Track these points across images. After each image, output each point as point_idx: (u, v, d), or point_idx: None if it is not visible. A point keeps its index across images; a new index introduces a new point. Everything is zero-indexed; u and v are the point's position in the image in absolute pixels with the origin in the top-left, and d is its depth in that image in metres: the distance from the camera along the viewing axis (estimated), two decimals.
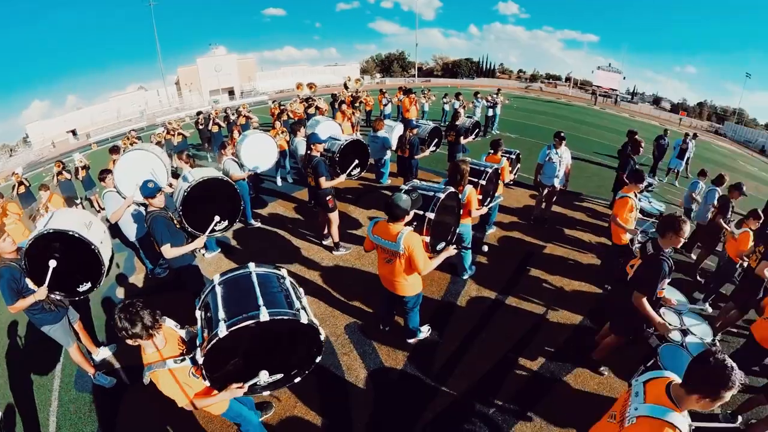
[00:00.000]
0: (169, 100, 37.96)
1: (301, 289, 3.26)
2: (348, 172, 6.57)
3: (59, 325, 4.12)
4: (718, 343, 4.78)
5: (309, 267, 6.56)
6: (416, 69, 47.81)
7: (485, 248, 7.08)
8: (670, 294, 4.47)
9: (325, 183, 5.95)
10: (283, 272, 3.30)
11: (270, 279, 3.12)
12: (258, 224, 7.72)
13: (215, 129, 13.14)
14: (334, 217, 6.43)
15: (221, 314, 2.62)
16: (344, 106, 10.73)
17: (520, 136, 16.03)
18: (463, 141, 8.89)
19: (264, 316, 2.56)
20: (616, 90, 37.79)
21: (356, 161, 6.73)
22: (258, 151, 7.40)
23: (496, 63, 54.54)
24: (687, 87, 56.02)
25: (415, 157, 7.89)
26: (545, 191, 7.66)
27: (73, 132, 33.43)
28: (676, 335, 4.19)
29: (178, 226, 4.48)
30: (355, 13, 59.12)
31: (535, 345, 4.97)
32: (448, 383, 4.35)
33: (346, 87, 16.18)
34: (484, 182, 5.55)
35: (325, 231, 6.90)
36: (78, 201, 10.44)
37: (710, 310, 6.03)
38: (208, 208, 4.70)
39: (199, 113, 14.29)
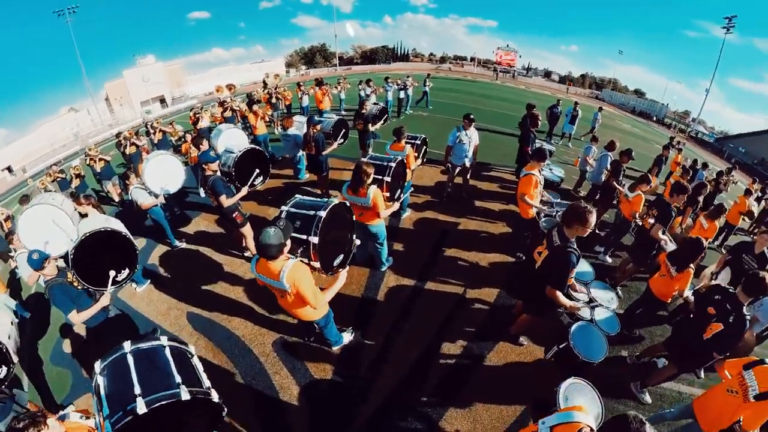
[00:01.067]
0: (101, 117, 33.08)
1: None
2: (249, 183, 5.63)
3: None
4: (620, 292, 5.29)
5: (233, 283, 5.69)
6: (337, 59, 47.36)
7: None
8: (579, 265, 4.29)
9: (226, 201, 5.10)
10: (192, 349, 2.84)
11: (183, 354, 2.72)
12: (183, 245, 6.61)
13: (132, 150, 10.94)
14: (247, 230, 5.67)
15: (137, 389, 2.17)
16: (255, 107, 9.51)
17: (431, 115, 15.65)
18: (372, 128, 8.15)
19: (185, 395, 2.23)
20: (513, 67, 40.27)
21: (257, 171, 5.81)
22: (164, 173, 6.26)
23: (409, 48, 56.56)
24: (571, 62, 62.89)
25: (323, 153, 6.91)
26: (456, 171, 7.32)
27: (9, 169, 27.42)
28: (585, 312, 4.13)
29: (79, 287, 3.78)
30: (277, 10, 57.89)
31: (456, 327, 4.78)
32: (377, 382, 4.07)
33: (264, 84, 14.84)
34: (389, 179, 4.95)
35: (243, 244, 6.04)
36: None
37: (609, 260, 6.39)
38: (103, 261, 3.92)
39: (119, 134, 12.09)
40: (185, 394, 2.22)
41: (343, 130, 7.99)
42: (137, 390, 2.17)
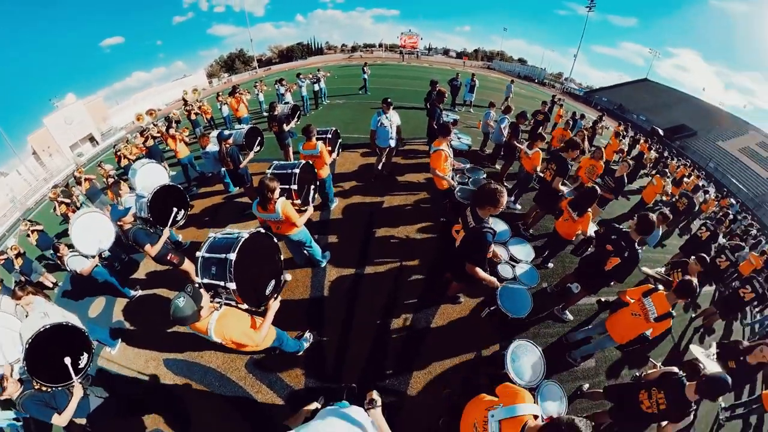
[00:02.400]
0: (33, 174, 26.07)
1: None
2: (170, 224, 4.69)
3: None
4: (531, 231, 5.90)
5: None
6: (256, 62, 43.99)
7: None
8: (497, 225, 4.68)
9: (153, 250, 4.36)
10: None
11: None
12: (138, 292, 5.41)
13: (63, 209, 8.59)
14: (188, 266, 4.83)
15: None
16: (172, 130, 7.92)
17: (348, 101, 14.81)
18: (287, 127, 7.36)
19: None
20: (416, 48, 40.65)
21: (175, 209, 4.82)
22: (94, 230, 4.99)
23: (322, 42, 54.69)
24: (465, 40, 67.23)
25: (240, 166, 5.99)
26: (384, 153, 6.99)
27: None
28: (507, 270, 4.21)
29: (48, 390, 3.10)
30: (191, 23, 51.86)
31: (400, 302, 4.71)
32: (344, 372, 3.98)
33: (185, 101, 12.66)
34: (295, 186, 4.31)
35: (191, 278, 5.09)
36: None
37: (519, 207, 6.72)
38: (58, 355, 3.15)
39: (54, 187, 9.62)
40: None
41: (258, 138, 7.00)
42: None
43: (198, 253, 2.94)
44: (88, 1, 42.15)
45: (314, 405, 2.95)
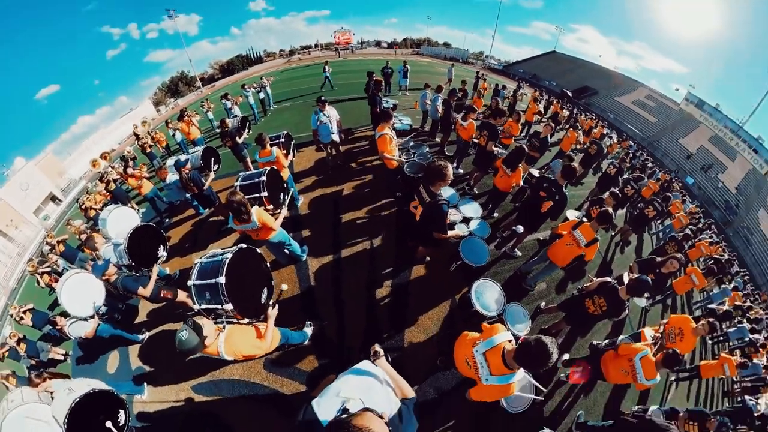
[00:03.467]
0: (5, 252, 21.24)
1: None
2: (156, 263, 4.34)
3: None
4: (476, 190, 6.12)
5: None
6: (199, 81, 39.93)
7: None
8: (445, 192, 4.76)
9: (146, 292, 4.04)
10: None
11: None
12: (146, 335, 4.88)
13: (46, 280, 7.18)
14: (183, 297, 4.49)
15: None
16: (130, 169, 6.93)
17: (294, 103, 14.13)
18: (240, 140, 6.91)
19: None
20: (350, 43, 39.74)
21: (160, 247, 4.46)
22: (82, 293, 4.39)
23: (261, 51, 50.69)
24: (394, 31, 67.37)
25: (204, 188, 5.55)
26: (329, 147, 6.80)
27: None
28: (463, 228, 4.38)
29: None
30: (126, 55, 44.91)
31: (379, 273, 4.83)
32: (350, 345, 4.12)
33: (137, 136, 10.82)
34: (266, 193, 4.13)
35: (188, 306, 4.73)
36: None
37: (461, 171, 7.01)
38: (97, 420, 2.95)
39: (29, 261, 8.08)
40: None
41: (213, 157, 6.49)
42: None
43: (189, 282, 2.79)
44: (14, 56, 35.36)
45: (332, 376, 2.98)
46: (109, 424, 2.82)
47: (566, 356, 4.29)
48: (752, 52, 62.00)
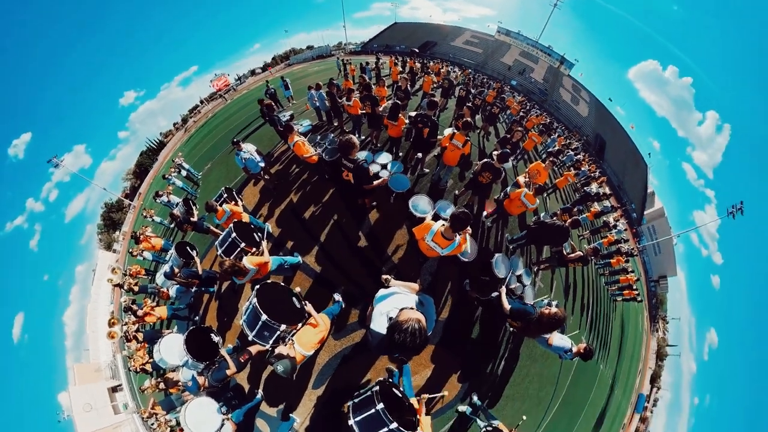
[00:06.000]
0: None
1: None
2: (219, 348, 4.04)
3: None
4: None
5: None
6: (124, 199, 30.16)
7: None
8: (360, 155, 4.64)
9: (232, 371, 3.73)
10: None
11: None
12: (260, 392, 4.69)
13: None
14: (254, 350, 4.05)
15: None
16: (140, 312, 5.82)
17: (213, 161, 12.63)
18: (195, 219, 6.26)
19: None
20: (229, 84, 35.42)
21: (211, 335, 4.10)
22: (173, 347, 4.52)
23: (156, 136, 44.46)
24: (261, 55, 64.06)
25: (201, 274, 5.33)
26: (263, 174, 6.41)
27: None
28: (385, 173, 4.81)
29: None
30: (49, 232, 37.18)
31: (354, 234, 5.23)
32: (364, 287, 4.66)
33: (119, 285, 7.58)
34: (243, 243, 4.09)
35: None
36: None
37: (363, 137, 7.00)
38: None
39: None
40: None
41: (187, 247, 5.95)
42: None
43: (249, 337, 3.02)
44: None
45: (370, 308, 3.29)
46: None
47: (485, 213, 5.39)
48: None
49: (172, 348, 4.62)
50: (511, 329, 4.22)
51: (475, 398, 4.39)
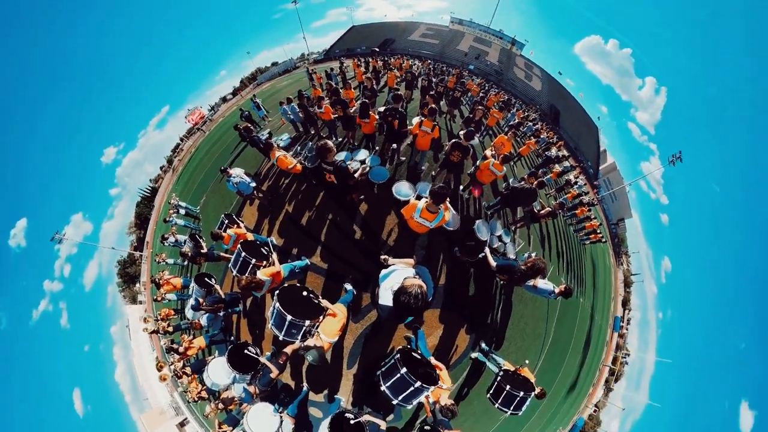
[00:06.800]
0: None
1: None
2: (259, 358, 4.12)
3: None
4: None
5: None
6: (134, 251, 28.93)
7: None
8: (338, 156, 5.00)
9: (275, 373, 3.80)
10: None
11: None
12: (305, 385, 4.95)
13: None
14: (288, 349, 3.95)
15: None
16: (180, 348, 5.90)
17: (205, 193, 12.27)
18: (204, 250, 6.24)
19: None
20: (204, 116, 34.32)
21: (249, 349, 4.29)
22: (220, 369, 4.52)
23: (147, 184, 40.50)
24: (229, 80, 57.74)
25: (224, 297, 5.68)
26: (255, 193, 6.29)
27: None
28: (365, 167, 4.76)
29: None
30: (73, 307, 34.10)
31: (347, 230, 5.35)
32: (368, 272, 4.89)
33: (155, 332, 6.99)
34: (254, 260, 4.19)
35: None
36: None
37: (339, 139, 6.90)
38: None
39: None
40: None
41: (205, 278, 6.06)
42: None
43: (280, 338, 3.16)
44: None
45: (378, 289, 3.09)
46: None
47: (462, 187, 5.56)
48: None
49: (218, 371, 4.69)
50: (501, 282, 4.51)
51: (483, 344, 4.71)
